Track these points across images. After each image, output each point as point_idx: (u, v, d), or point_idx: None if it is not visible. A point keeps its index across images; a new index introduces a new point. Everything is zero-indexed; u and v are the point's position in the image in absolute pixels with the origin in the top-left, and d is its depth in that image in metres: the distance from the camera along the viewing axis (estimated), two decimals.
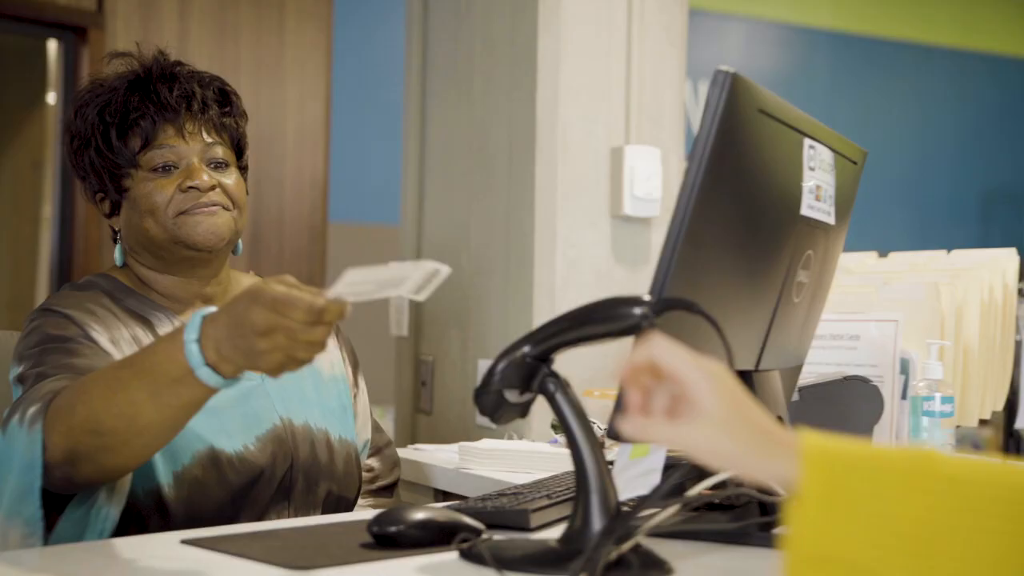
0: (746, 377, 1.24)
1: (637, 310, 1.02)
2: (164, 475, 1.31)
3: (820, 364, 1.85)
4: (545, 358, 1.08)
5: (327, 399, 1.50)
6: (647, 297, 1.02)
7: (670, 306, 1.01)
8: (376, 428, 1.62)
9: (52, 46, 4.06)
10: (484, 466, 1.69)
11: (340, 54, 4.44)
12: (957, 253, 1.95)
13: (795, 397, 1.57)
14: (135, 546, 1.12)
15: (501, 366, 1.08)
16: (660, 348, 0.84)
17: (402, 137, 2.72)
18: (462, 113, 2.52)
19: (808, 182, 1.22)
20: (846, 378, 1.59)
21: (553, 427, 1.92)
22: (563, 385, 1.07)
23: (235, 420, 1.37)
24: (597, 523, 1.02)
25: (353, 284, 0.99)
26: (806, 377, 1.71)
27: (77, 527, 1.21)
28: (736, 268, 1.15)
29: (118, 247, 1.47)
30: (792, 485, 0.73)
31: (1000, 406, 1.81)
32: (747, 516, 1.22)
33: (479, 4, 2.48)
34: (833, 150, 1.29)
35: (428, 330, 2.62)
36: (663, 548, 1.08)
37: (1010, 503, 0.68)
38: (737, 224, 1.12)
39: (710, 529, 1.18)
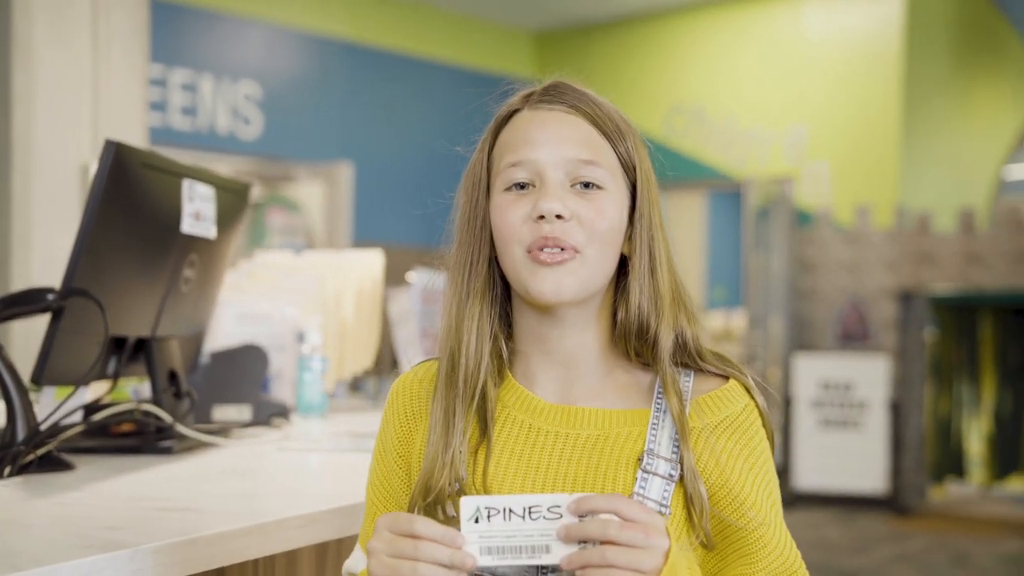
0: (146, 342, 1.79)
1: (50, 296, 1.54)
2: None
3: (246, 336, 2.46)
4: None
5: None
6: (56, 287, 1.55)
7: (71, 293, 1.55)
8: None
9: None
10: None
11: None
12: (345, 252, 2.65)
13: (208, 360, 2.16)
14: None
15: None
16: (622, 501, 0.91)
17: None
18: None
19: (188, 209, 1.80)
20: (245, 345, 2.19)
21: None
22: (0, 348, 1.57)
23: None
24: (20, 437, 1.53)
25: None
26: (226, 345, 2.31)
27: None
28: (130, 266, 1.70)
29: None
30: None
31: (371, 363, 2.53)
32: (147, 439, 1.78)
33: None
34: (214, 185, 1.88)
35: None
36: (79, 458, 1.60)
37: None
38: (129, 237, 1.67)
39: (117, 446, 1.73)
